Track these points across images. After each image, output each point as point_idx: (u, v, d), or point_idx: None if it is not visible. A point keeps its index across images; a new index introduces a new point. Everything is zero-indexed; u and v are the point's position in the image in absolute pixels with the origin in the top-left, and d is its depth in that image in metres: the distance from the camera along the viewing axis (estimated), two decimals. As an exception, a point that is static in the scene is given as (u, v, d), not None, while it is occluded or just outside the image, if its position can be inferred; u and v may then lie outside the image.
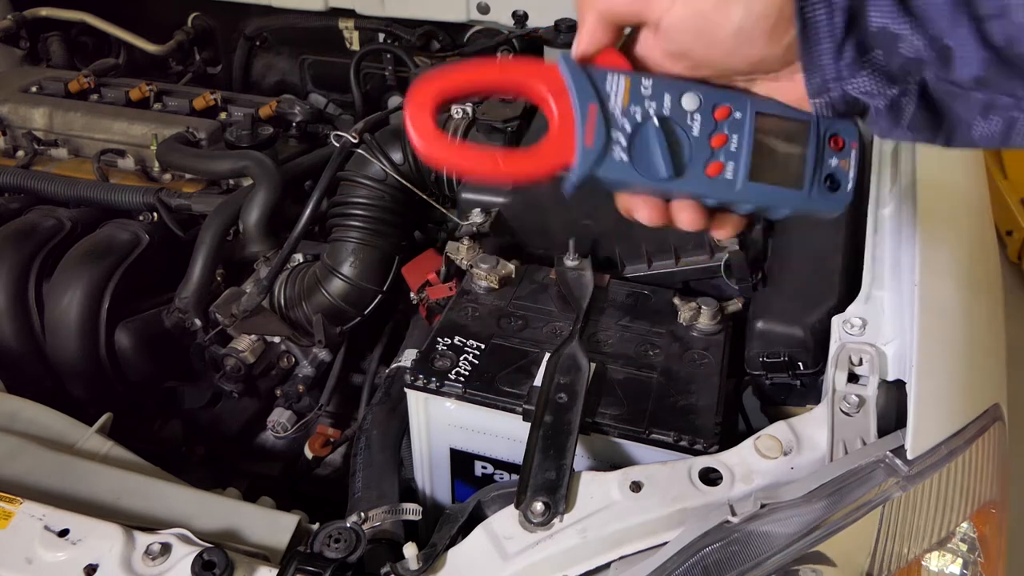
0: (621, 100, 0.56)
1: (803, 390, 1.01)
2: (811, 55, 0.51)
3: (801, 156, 0.57)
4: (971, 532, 0.75)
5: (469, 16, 1.76)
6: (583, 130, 0.55)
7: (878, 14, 0.49)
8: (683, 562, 0.70)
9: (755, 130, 0.56)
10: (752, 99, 0.57)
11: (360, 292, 1.29)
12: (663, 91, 0.56)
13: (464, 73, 0.56)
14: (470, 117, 1.28)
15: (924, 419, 0.75)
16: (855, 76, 0.51)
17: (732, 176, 0.57)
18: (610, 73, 0.56)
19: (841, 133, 0.58)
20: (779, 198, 0.58)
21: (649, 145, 0.56)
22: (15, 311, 1.24)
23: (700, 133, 0.56)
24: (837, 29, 0.50)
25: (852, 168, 0.58)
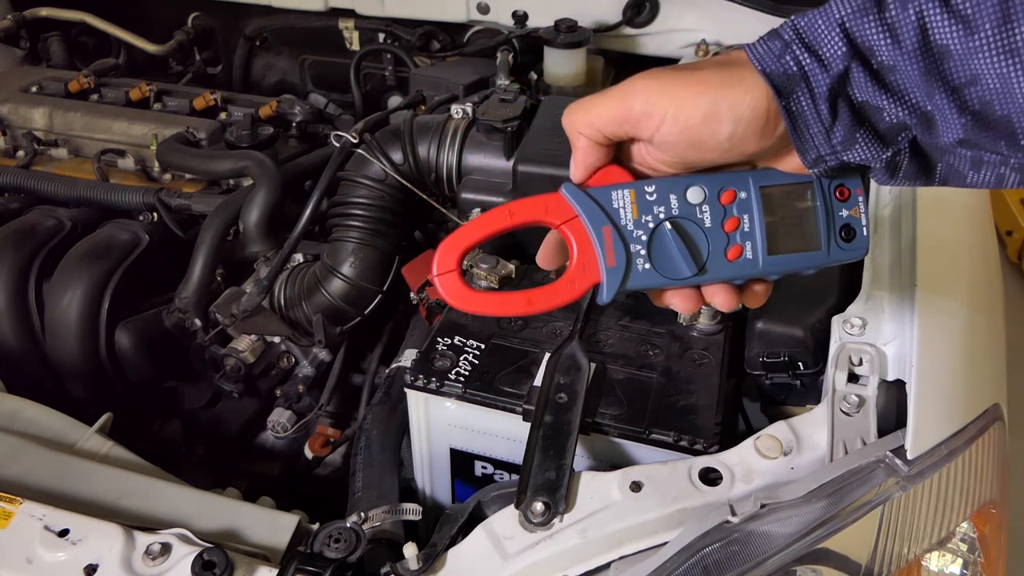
0: (631, 213, 0.58)
1: (803, 390, 1.01)
2: (803, 140, 0.53)
3: (812, 218, 0.58)
4: (971, 532, 0.75)
5: (469, 16, 1.76)
6: (603, 252, 0.58)
7: (859, 92, 0.51)
8: (683, 562, 0.70)
9: (763, 205, 0.58)
10: (753, 175, 0.58)
11: (360, 292, 1.29)
12: (668, 192, 0.58)
13: (477, 228, 0.59)
14: (470, 117, 1.28)
15: (924, 419, 0.75)
16: (849, 149, 0.53)
17: (752, 255, 0.59)
18: (614, 190, 0.58)
19: (845, 183, 0.59)
20: (801, 262, 0.59)
21: (667, 248, 0.58)
22: (15, 311, 1.24)
23: (712, 223, 0.58)
24: (823, 115, 0.52)
25: (863, 214, 0.59)
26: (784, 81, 0.52)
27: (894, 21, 0.49)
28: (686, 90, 0.54)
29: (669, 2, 1.65)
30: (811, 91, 0.52)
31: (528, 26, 1.68)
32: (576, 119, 0.58)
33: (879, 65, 0.50)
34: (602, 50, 1.72)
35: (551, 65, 1.60)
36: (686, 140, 0.55)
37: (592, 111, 0.57)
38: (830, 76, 0.51)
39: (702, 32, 1.62)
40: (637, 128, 0.56)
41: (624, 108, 0.55)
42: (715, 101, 0.53)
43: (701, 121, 0.53)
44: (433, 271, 0.59)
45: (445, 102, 1.45)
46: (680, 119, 0.54)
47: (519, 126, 1.25)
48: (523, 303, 0.59)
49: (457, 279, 0.59)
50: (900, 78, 0.50)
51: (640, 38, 1.70)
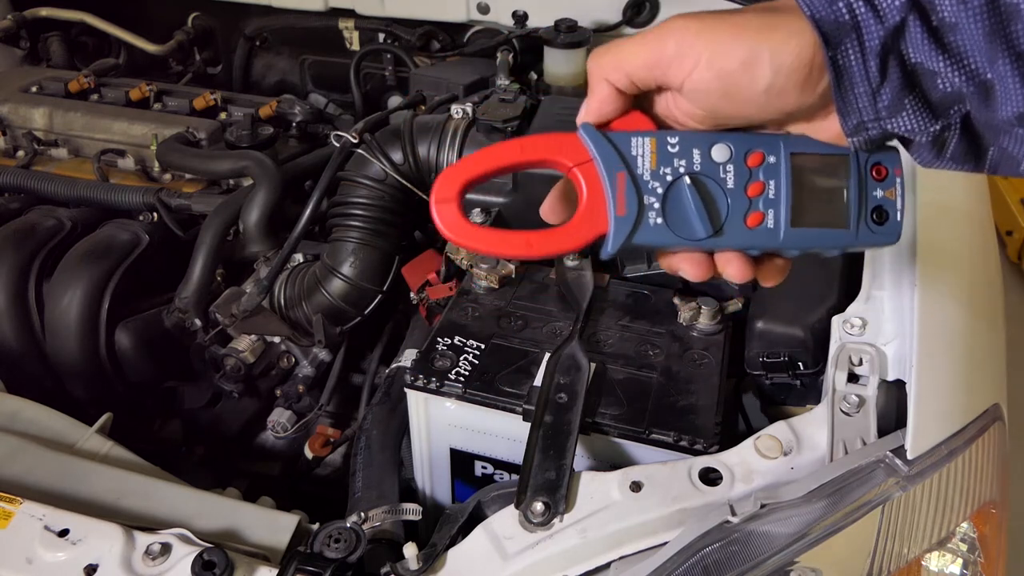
0: (649, 163, 0.54)
1: (803, 390, 1.01)
2: (847, 100, 0.49)
3: (843, 193, 0.54)
4: (971, 532, 0.75)
5: (469, 16, 1.76)
6: (614, 199, 0.54)
7: (914, 51, 0.47)
8: (683, 562, 0.70)
9: (792, 173, 0.54)
10: (785, 140, 0.54)
11: (360, 292, 1.29)
12: (692, 146, 0.54)
13: (485, 159, 0.55)
14: (470, 117, 1.28)
15: (924, 419, 0.75)
16: (895, 116, 0.49)
17: (774, 225, 0.55)
18: (634, 136, 0.54)
19: (883, 162, 0.55)
20: (826, 240, 0.55)
21: (683, 205, 0.54)
22: (15, 311, 1.24)
23: (735, 184, 0.54)
24: (872, 73, 0.48)
25: (899, 197, 0.55)
26: (834, 29, 0.47)
27: None
28: (725, 32, 0.49)
29: (669, 2, 1.65)
30: (861, 44, 0.47)
31: (528, 26, 1.68)
32: (604, 62, 0.53)
33: (939, 22, 0.46)
34: (602, 50, 1.72)
35: (551, 65, 1.60)
36: (720, 88, 0.50)
37: (622, 52, 0.52)
38: (884, 29, 0.47)
39: (702, 32, 1.62)
40: (668, 73, 0.51)
41: (657, 49, 0.51)
42: (755, 45, 0.48)
43: (739, 66, 0.49)
44: (431, 198, 0.55)
45: (445, 102, 1.45)
46: (716, 63, 0.49)
47: (519, 126, 1.24)
48: (522, 244, 0.55)
49: (456, 209, 0.55)
50: (961, 38, 0.45)
51: (640, 38, 1.70)
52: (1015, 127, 0.47)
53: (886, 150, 0.55)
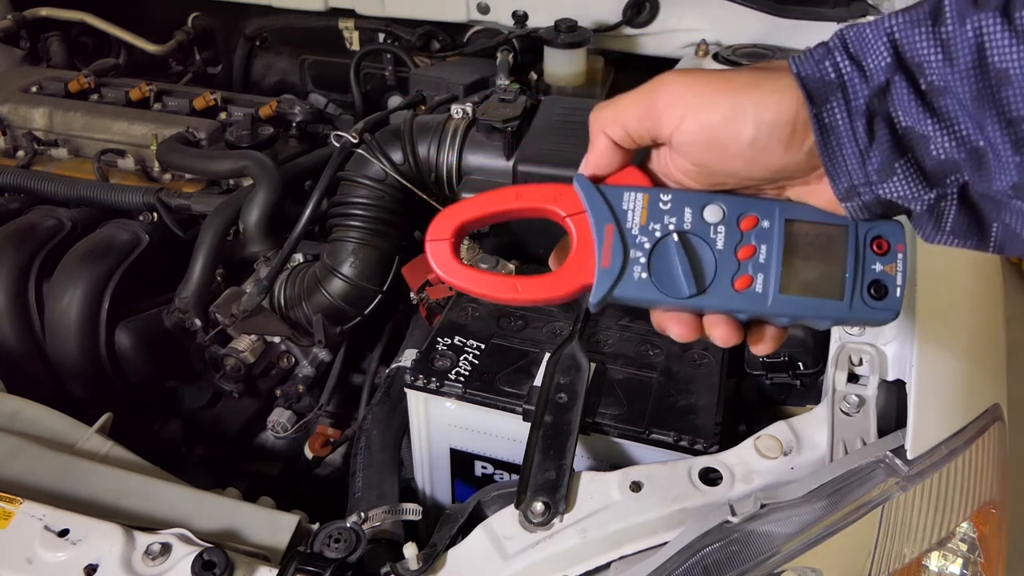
0: (639, 218, 0.54)
1: (803, 390, 1.01)
2: (834, 161, 0.48)
3: (839, 264, 0.53)
4: (971, 532, 0.75)
5: (469, 16, 1.76)
6: (600, 251, 0.54)
7: (903, 115, 0.46)
8: (683, 562, 0.70)
9: (785, 239, 0.53)
10: (781, 205, 0.54)
11: (360, 292, 1.29)
12: (684, 205, 0.54)
13: (481, 203, 0.56)
14: (470, 117, 1.28)
15: (924, 419, 0.75)
16: (886, 180, 0.48)
17: (762, 289, 0.54)
18: (627, 191, 0.55)
19: (885, 235, 0.53)
20: (817, 310, 0.54)
21: (670, 262, 0.54)
22: (15, 311, 1.24)
23: (725, 246, 0.54)
24: (859, 133, 0.47)
25: (899, 273, 0.53)
26: (819, 87, 0.47)
27: (949, 36, 0.44)
28: (710, 87, 0.50)
29: (669, 2, 1.65)
30: (847, 103, 0.47)
31: (528, 26, 1.68)
32: (603, 115, 0.55)
33: (928, 85, 0.45)
34: (602, 50, 1.72)
35: (551, 65, 1.60)
36: (705, 141, 0.51)
37: (619, 106, 0.54)
38: (870, 88, 0.46)
39: (702, 32, 1.62)
40: (659, 125, 0.52)
41: (649, 100, 0.52)
42: (738, 100, 0.49)
43: (721, 120, 0.49)
44: (427, 236, 0.56)
45: (445, 102, 1.45)
46: (700, 115, 0.50)
47: (519, 126, 1.24)
48: (509, 288, 0.56)
49: (448, 249, 0.56)
50: (950, 103, 0.45)
51: (640, 38, 1.70)
52: (1012, 199, 0.45)
53: (889, 223, 0.54)
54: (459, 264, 0.56)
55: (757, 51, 1.54)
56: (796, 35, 1.56)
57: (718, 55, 1.53)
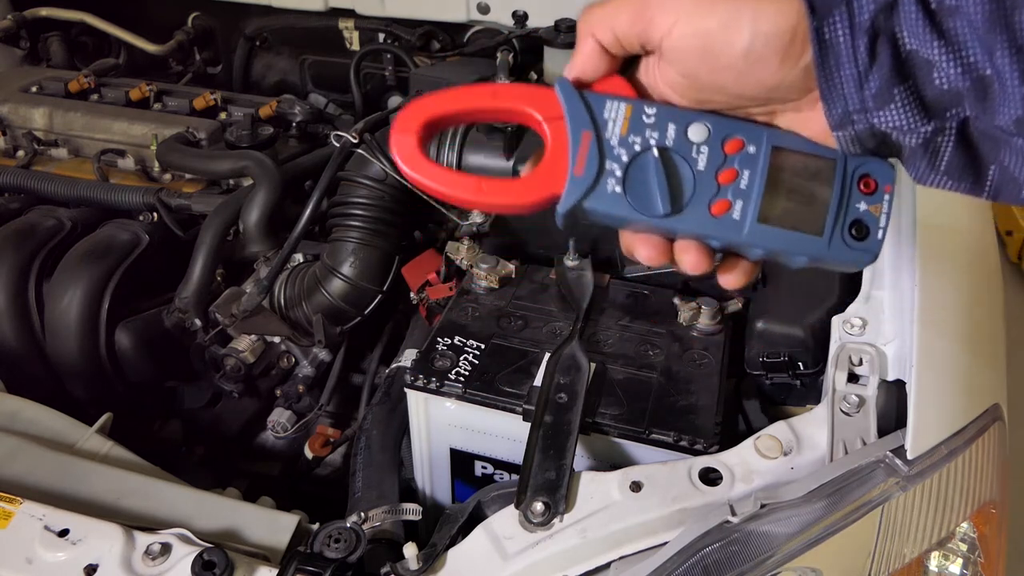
0: (620, 128, 0.52)
1: (803, 390, 1.02)
2: (831, 82, 0.46)
3: (823, 198, 0.51)
4: (971, 532, 0.75)
5: (469, 16, 1.76)
6: (574, 158, 0.51)
7: (909, 36, 0.44)
8: (683, 562, 0.70)
9: (770, 166, 0.51)
10: (770, 132, 0.52)
11: (360, 292, 1.29)
12: (668, 120, 0.52)
13: (454, 97, 0.53)
14: (470, 117, 1.28)
15: (924, 419, 0.75)
16: (883, 108, 0.46)
17: (739, 216, 0.51)
18: (611, 99, 0.52)
19: (873, 174, 0.51)
20: (794, 244, 0.51)
21: (646, 177, 0.51)
22: (15, 311, 1.24)
23: (706, 167, 0.51)
24: (860, 53, 0.45)
25: (884, 215, 0.51)
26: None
27: None
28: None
29: (669, 2, 1.65)
30: (851, 18, 0.44)
31: (528, 26, 1.68)
32: (591, 16, 0.51)
33: (938, 5, 0.43)
34: (602, 50, 1.72)
35: (551, 65, 1.59)
36: (698, 47, 0.48)
37: (609, 7, 0.51)
38: (876, 3, 0.44)
39: (702, 32, 1.62)
40: (650, 27, 0.49)
41: (641, 1, 0.49)
42: (736, 6, 0.46)
43: (717, 26, 0.46)
44: (392, 127, 0.53)
45: (445, 102, 1.45)
46: (695, 19, 0.47)
47: (519, 127, 1.24)
48: (473, 188, 0.53)
49: (415, 142, 0.52)
50: (961, 25, 0.42)
51: (640, 38, 1.70)
52: (1014, 136, 0.43)
53: (879, 162, 0.51)
54: (424, 160, 0.53)
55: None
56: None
57: None
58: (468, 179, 0.53)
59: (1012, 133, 0.43)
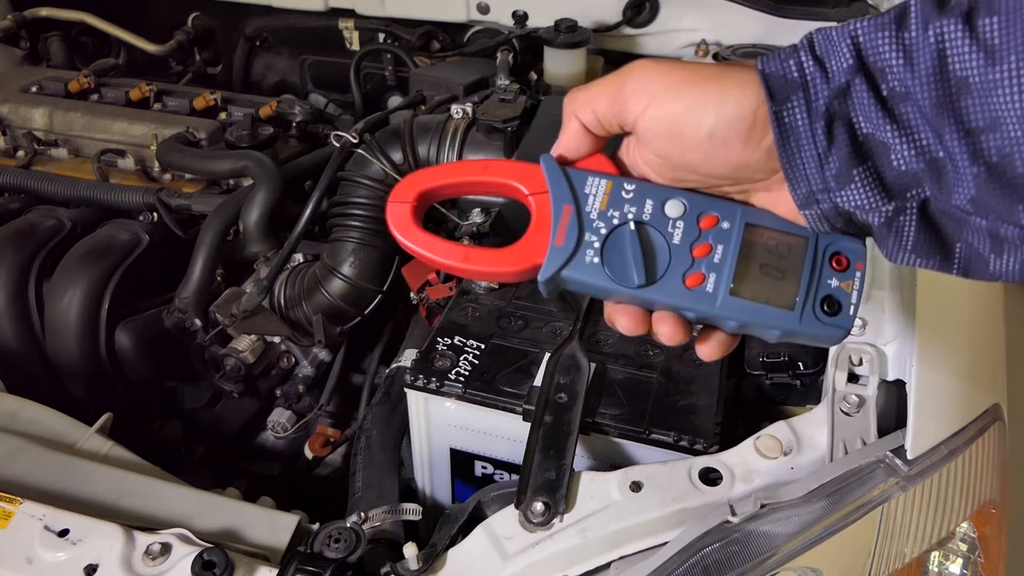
0: (599, 203, 0.54)
1: (803, 390, 1.01)
2: (793, 163, 0.48)
3: (794, 273, 0.52)
4: (971, 532, 0.75)
5: (469, 16, 1.76)
6: (555, 229, 0.54)
7: (864, 120, 0.46)
8: (683, 562, 0.70)
9: (743, 242, 0.53)
10: (744, 209, 0.54)
11: (360, 292, 1.29)
12: (646, 196, 0.54)
13: (448, 172, 0.57)
14: (470, 117, 1.28)
15: (924, 419, 0.75)
16: (844, 188, 0.47)
17: (713, 289, 0.53)
18: (592, 176, 0.55)
19: (845, 252, 0.53)
20: (766, 317, 0.53)
21: (623, 249, 0.53)
22: (15, 311, 1.24)
23: (682, 241, 0.53)
24: (819, 136, 0.47)
25: (855, 291, 0.53)
26: (781, 84, 0.47)
27: (911, 42, 0.43)
28: (678, 76, 0.50)
29: (669, 2, 1.65)
30: (808, 103, 0.47)
31: (528, 26, 1.68)
32: (576, 98, 0.56)
33: (889, 91, 0.45)
34: (602, 50, 1.73)
35: (551, 65, 1.60)
36: (667, 129, 0.51)
37: (591, 90, 0.55)
38: (830, 89, 0.46)
39: (702, 32, 1.62)
40: (625, 110, 0.52)
41: (618, 85, 0.53)
42: (702, 91, 0.49)
43: (684, 109, 0.49)
44: (389, 198, 0.57)
45: (445, 102, 1.45)
46: (665, 103, 0.50)
47: (519, 126, 1.25)
48: (460, 256, 0.56)
49: (408, 212, 0.57)
50: (911, 110, 0.44)
51: (640, 38, 1.70)
52: (971, 216, 0.44)
53: (851, 240, 0.53)
54: (416, 228, 0.57)
55: (757, 51, 1.54)
56: (796, 35, 1.53)
57: (718, 55, 1.53)
58: (456, 248, 0.56)
59: (970, 212, 0.44)
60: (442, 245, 0.56)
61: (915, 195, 0.46)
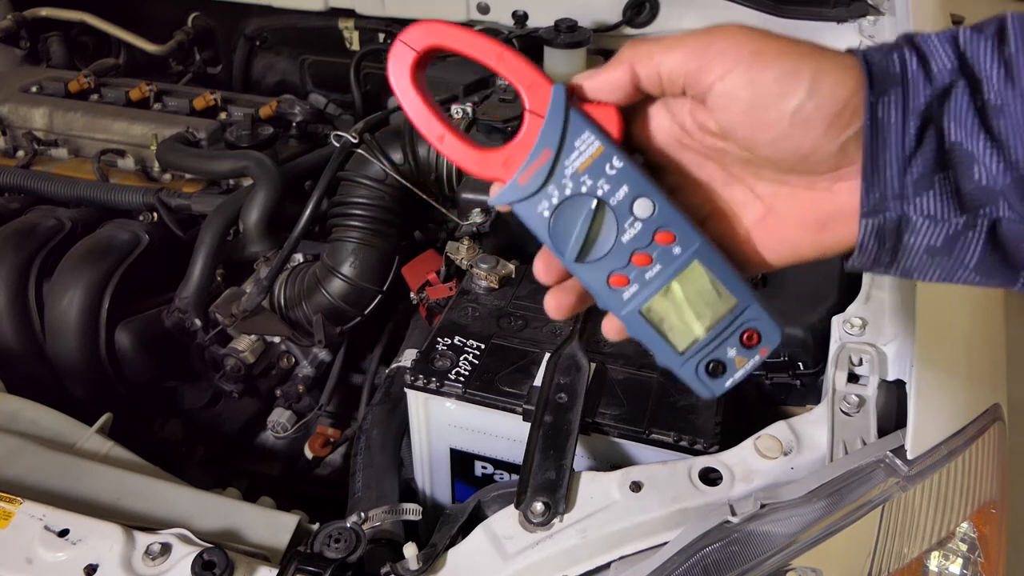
0: (580, 163, 0.51)
1: (803, 390, 1.02)
2: (876, 161, 0.45)
3: (703, 325, 0.52)
4: (971, 532, 0.75)
5: (469, 16, 1.76)
6: (526, 167, 0.52)
7: (956, 128, 0.44)
8: (683, 562, 0.70)
9: (681, 275, 0.52)
10: (704, 245, 0.51)
11: (360, 292, 1.29)
12: (624, 182, 0.51)
13: (466, 41, 0.53)
14: (470, 117, 1.28)
15: (924, 419, 0.75)
16: (920, 194, 0.45)
17: (628, 298, 0.52)
18: (592, 130, 0.51)
19: (762, 333, 0.52)
20: (655, 345, 0.53)
21: (573, 219, 0.52)
22: (15, 311, 1.24)
23: (629, 242, 0.52)
24: (909, 136, 0.44)
25: (744, 370, 0.53)
26: (882, 76, 0.45)
27: (1011, 55, 0.43)
28: (773, 44, 0.47)
29: (669, 2, 1.65)
30: (905, 100, 0.45)
31: (528, 26, 1.68)
32: (637, 48, 0.50)
33: (985, 102, 0.44)
34: (602, 50, 1.72)
35: (551, 65, 1.60)
36: (748, 98, 0.47)
37: (660, 44, 0.49)
38: (932, 88, 0.44)
39: (702, 32, 1.62)
40: (704, 69, 0.48)
41: (703, 42, 0.48)
42: (801, 60, 0.46)
43: (775, 78, 0.46)
44: (399, 35, 0.53)
45: (445, 102, 1.45)
46: (754, 68, 0.46)
47: (519, 126, 1.24)
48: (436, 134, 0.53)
49: (411, 61, 0.53)
50: (1005, 124, 0.43)
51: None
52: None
53: (773, 327, 0.52)
54: (412, 83, 0.53)
55: (757, 51, 1.54)
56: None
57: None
58: (437, 124, 0.53)
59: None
60: (427, 113, 0.53)
61: (987, 212, 0.45)
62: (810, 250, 0.51)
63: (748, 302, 0.52)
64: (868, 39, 1.47)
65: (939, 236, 0.46)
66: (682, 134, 0.52)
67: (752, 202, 0.53)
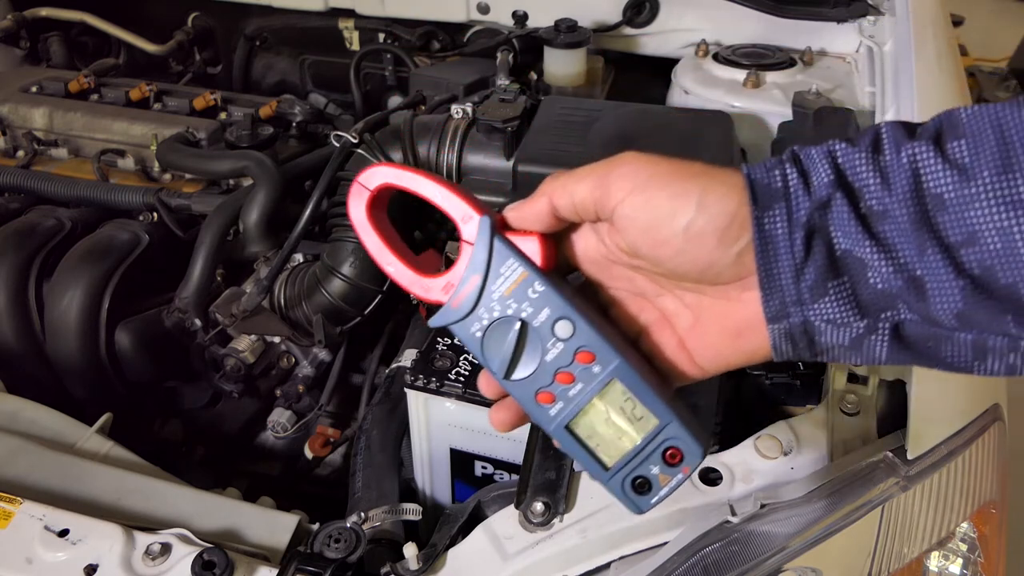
0: (505, 288, 0.55)
1: (803, 390, 1.01)
2: (769, 271, 0.48)
3: (628, 442, 0.54)
4: (971, 532, 0.75)
5: (469, 16, 1.76)
6: (457, 292, 0.56)
7: (843, 236, 0.46)
8: (683, 562, 0.70)
9: (601, 392, 0.54)
10: (622, 363, 0.54)
11: (360, 292, 1.28)
12: (545, 305, 0.54)
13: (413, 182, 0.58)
14: (470, 117, 1.28)
15: (924, 419, 0.75)
16: (817, 301, 0.47)
17: (555, 414, 0.55)
18: (513, 259, 0.55)
19: (684, 451, 0.54)
20: (583, 460, 0.56)
21: (501, 339, 0.55)
22: (15, 311, 1.24)
23: (552, 361, 0.55)
24: (796, 247, 0.47)
25: (669, 488, 0.55)
26: (765, 192, 0.48)
27: (886, 164, 0.45)
28: (665, 168, 0.51)
29: (669, 2, 1.65)
30: (789, 213, 0.47)
31: (528, 26, 1.68)
32: (555, 181, 0.55)
33: (867, 209, 0.46)
34: (602, 50, 1.73)
35: (551, 65, 1.60)
36: (646, 219, 0.50)
37: (574, 175, 0.54)
38: (812, 201, 0.47)
39: (702, 32, 1.62)
40: (607, 195, 0.52)
41: (605, 170, 0.52)
42: (689, 181, 0.49)
43: (667, 197, 0.49)
44: (356, 176, 0.58)
45: (445, 102, 1.45)
46: (648, 190, 0.50)
47: (519, 126, 1.24)
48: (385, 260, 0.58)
49: (367, 199, 0.58)
50: (889, 228, 0.45)
51: (640, 38, 1.70)
52: (956, 332, 0.45)
53: (695, 446, 0.54)
54: (369, 218, 0.58)
55: (757, 51, 1.54)
56: (796, 35, 1.56)
57: (718, 55, 1.53)
58: (388, 254, 0.58)
59: (955, 328, 0.45)
60: (380, 245, 0.58)
61: (888, 316, 0.47)
62: (735, 356, 0.54)
63: (668, 420, 0.54)
64: (868, 39, 1.48)
65: (844, 337, 0.48)
66: (608, 252, 0.56)
67: (683, 311, 0.56)
